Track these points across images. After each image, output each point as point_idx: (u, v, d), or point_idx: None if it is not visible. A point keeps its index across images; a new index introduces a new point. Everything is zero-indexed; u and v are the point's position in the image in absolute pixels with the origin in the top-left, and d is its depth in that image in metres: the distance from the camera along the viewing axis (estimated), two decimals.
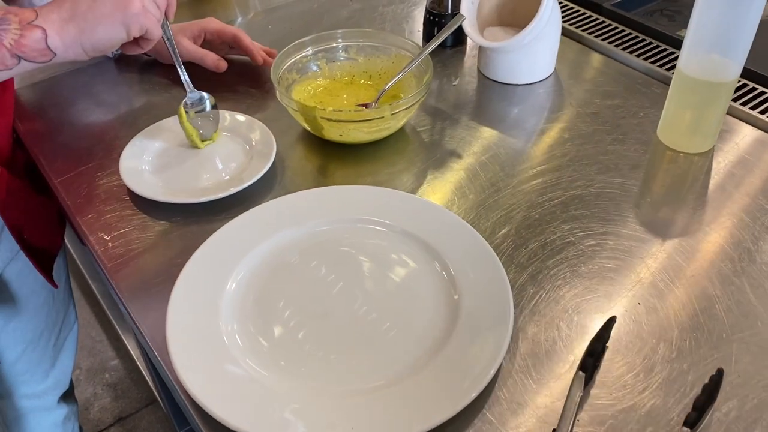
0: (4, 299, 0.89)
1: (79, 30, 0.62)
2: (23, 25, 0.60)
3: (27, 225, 0.82)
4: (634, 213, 0.69)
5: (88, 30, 0.62)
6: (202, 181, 0.74)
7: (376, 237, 0.65)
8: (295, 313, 0.59)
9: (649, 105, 0.83)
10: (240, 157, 0.76)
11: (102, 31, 0.63)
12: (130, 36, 0.65)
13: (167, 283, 0.62)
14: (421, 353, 0.55)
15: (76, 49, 0.63)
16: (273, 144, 0.76)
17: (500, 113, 0.84)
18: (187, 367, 0.53)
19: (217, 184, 0.73)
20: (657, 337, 0.57)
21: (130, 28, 0.64)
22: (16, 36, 0.60)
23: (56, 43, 0.62)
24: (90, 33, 0.62)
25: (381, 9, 1.06)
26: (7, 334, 0.91)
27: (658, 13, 1.03)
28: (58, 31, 0.61)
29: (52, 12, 0.62)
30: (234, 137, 0.79)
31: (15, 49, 0.60)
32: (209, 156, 0.77)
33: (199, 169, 0.75)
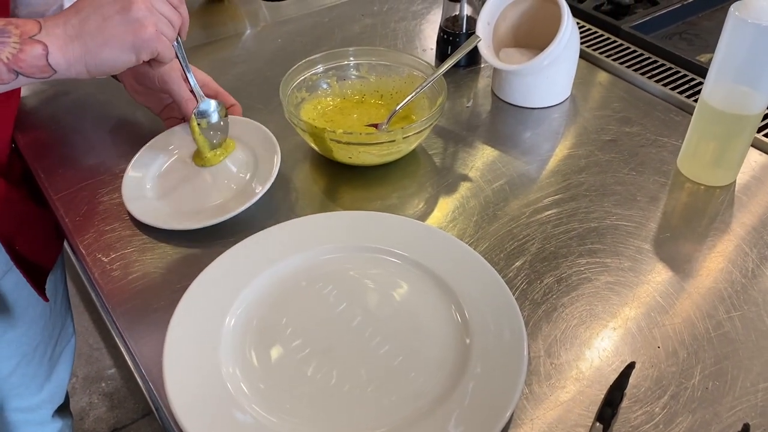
0: (1, 311, 0.87)
1: (84, 49, 0.58)
2: (23, 39, 0.56)
3: (20, 237, 0.79)
4: (654, 249, 0.66)
5: (94, 50, 0.59)
6: (204, 203, 0.70)
7: (387, 268, 0.63)
8: (300, 348, 0.56)
9: (669, 133, 0.81)
10: (242, 175, 0.73)
11: (109, 53, 0.59)
12: (139, 60, 0.61)
13: (167, 309, 0.60)
14: (431, 397, 0.52)
15: (78, 68, 0.59)
16: (277, 160, 0.71)
17: (514, 137, 0.82)
18: (185, 411, 0.50)
19: (220, 206, 0.70)
20: (678, 384, 0.54)
21: (141, 52, 0.61)
22: (14, 50, 0.56)
23: (58, 60, 0.58)
24: (96, 54, 0.59)
25: (393, 25, 1.04)
26: (2, 347, 0.89)
27: (677, 36, 1.01)
28: (61, 48, 0.58)
29: (57, 26, 0.58)
30: (238, 148, 0.75)
31: (12, 64, 0.56)
32: (212, 175, 0.74)
33: (201, 190, 0.72)
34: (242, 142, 0.76)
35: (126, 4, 0.59)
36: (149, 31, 0.59)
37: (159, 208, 0.70)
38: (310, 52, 0.82)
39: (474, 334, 0.56)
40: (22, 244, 0.80)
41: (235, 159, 0.74)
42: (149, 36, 0.59)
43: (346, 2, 1.11)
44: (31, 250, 0.82)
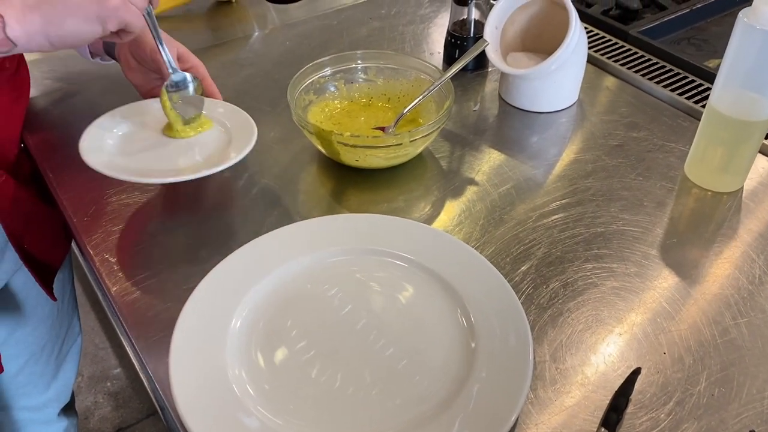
0: (8, 310, 0.87)
1: (45, 20, 0.54)
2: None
3: (29, 235, 0.80)
4: (660, 254, 0.66)
5: (56, 21, 0.55)
6: (163, 165, 0.67)
7: (393, 271, 0.63)
8: (305, 350, 0.56)
9: (676, 139, 0.81)
10: (217, 143, 0.71)
11: (72, 24, 0.55)
12: (106, 31, 0.58)
13: (173, 309, 0.60)
14: (436, 401, 0.52)
15: (40, 41, 0.55)
16: (254, 132, 0.69)
17: (521, 141, 0.82)
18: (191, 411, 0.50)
19: (191, 166, 0.67)
20: (683, 390, 0.54)
21: (107, 23, 0.57)
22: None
23: (16, 33, 0.54)
24: (58, 25, 0.55)
25: (401, 28, 1.04)
26: (10, 345, 0.90)
27: (685, 41, 1.00)
28: (19, 19, 0.54)
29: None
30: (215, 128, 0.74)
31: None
32: (179, 146, 0.71)
33: (164, 156, 0.69)
34: (220, 124, 0.74)
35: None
36: (115, 0, 0.56)
37: (117, 160, 0.67)
38: (317, 55, 0.82)
39: (479, 338, 0.56)
40: (30, 243, 0.80)
41: (208, 135, 0.72)
42: (115, 5, 0.56)
43: (354, 5, 1.11)
44: (39, 249, 0.82)
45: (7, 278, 0.82)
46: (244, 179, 0.76)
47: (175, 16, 1.09)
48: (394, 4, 1.11)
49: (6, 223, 0.75)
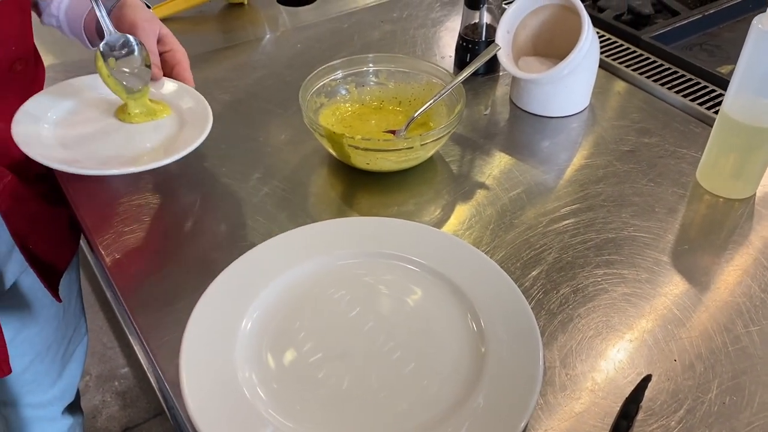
0: (14, 311, 0.88)
1: None
2: None
3: (34, 236, 0.80)
4: (671, 261, 0.66)
5: None
6: (109, 153, 0.61)
7: (402, 274, 0.63)
8: (315, 352, 0.56)
9: (688, 145, 0.80)
10: (170, 127, 0.66)
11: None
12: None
13: (183, 310, 0.60)
14: (445, 405, 0.52)
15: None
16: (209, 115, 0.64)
17: (532, 146, 0.82)
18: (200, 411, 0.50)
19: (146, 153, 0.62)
20: (694, 398, 0.54)
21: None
22: None
23: None
24: None
25: (412, 32, 1.04)
26: (16, 344, 0.90)
27: (697, 47, 1.00)
28: None
29: None
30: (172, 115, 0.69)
31: None
32: (129, 131, 0.65)
33: (111, 141, 0.64)
34: (177, 110, 0.71)
35: None
36: None
37: (54, 145, 0.62)
38: (329, 58, 0.82)
39: (489, 342, 0.56)
40: (35, 244, 0.80)
41: (161, 123, 0.68)
42: None
43: (365, 8, 1.11)
44: (44, 250, 0.82)
45: (14, 279, 0.82)
46: (254, 181, 0.76)
47: (187, 18, 1.10)
48: (406, 7, 1.11)
49: (11, 223, 0.75)
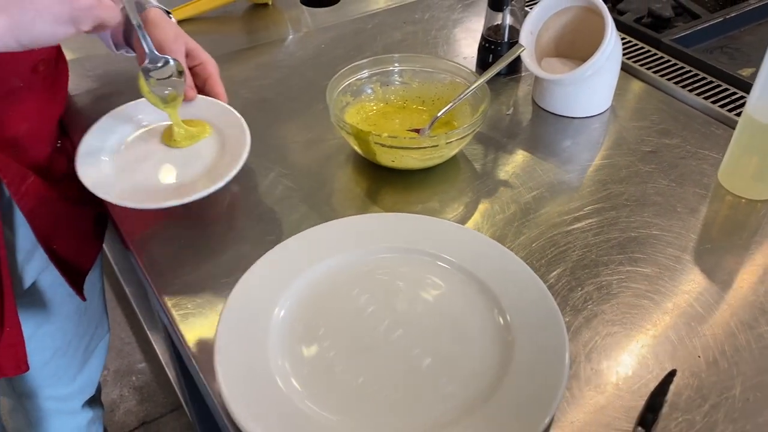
0: (36, 306, 0.89)
1: (12, 23, 0.52)
2: None
3: (58, 236, 0.79)
4: (694, 260, 0.67)
5: (24, 24, 0.52)
6: (162, 182, 0.67)
7: (432, 270, 0.64)
8: (341, 345, 0.58)
9: (709, 146, 0.81)
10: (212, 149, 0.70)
11: (42, 27, 0.53)
12: (80, 31, 0.55)
13: (216, 302, 0.62)
14: (473, 397, 0.53)
15: (8, 42, 0.53)
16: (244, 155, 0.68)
17: (554, 146, 0.83)
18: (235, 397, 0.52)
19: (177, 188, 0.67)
20: (718, 394, 0.55)
21: (80, 23, 0.55)
22: None
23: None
24: (27, 27, 0.53)
25: (434, 33, 1.06)
26: (37, 339, 0.91)
27: (718, 50, 1.01)
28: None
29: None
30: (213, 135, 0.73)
31: None
32: (177, 156, 0.70)
33: (162, 169, 0.69)
34: (217, 130, 0.74)
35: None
36: (86, 0, 0.54)
37: (113, 182, 0.67)
38: (351, 59, 0.84)
39: (516, 336, 0.57)
40: (60, 244, 0.80)
41: (205, 144, 0.72)
42: (87, 4, 0.54)
43: (387, 10, 1.13)
44: (68, 250, 0.82)
45: (36, 276, 0.83)
46: (281, 177, 0.78)
47: (211, 19, 1.12)
48: (428, 9, 1.12)
49: (34, 223, 0.75)
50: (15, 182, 0.71)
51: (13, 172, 0.70)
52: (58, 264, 0.81)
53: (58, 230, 0.79)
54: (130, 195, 0.65)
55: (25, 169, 0.72)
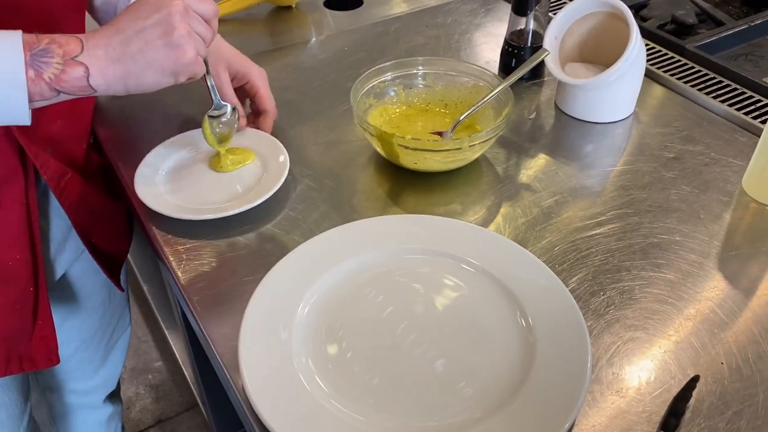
0: (64, 298, 0.90)
1: (125, 72, 0.58)
2: (66, 60, 0.56)
3: (96, 230, 0.83)
4: (717, 267, 0.66)
5: (135, 74, 0.59)
6: (207, 199, 0.74)
7: (452, 273, 0.64)
8: (359, 345, 0.58)
9: (733, 154, 0.81)
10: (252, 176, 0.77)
11: (150, 77, 0.59)
12: (177, 82, 0.62)
13: (238, 299, 0.63)
14: (494, 400, 0.53)
15: (118, 88, 0.59)
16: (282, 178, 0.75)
17: (576, 150, 0.83)
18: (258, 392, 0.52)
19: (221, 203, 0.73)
20: (742, 401, 0.54)
21: (180, 76, 0.61)
22: (57, 71, 0.55)
23: (98, 81, 0.58)
24: (137, 78, 0.59)
25: (457, 37, 1.06)
26: (63, 331, 0.92)
27: (742, 57, 1.00)
28: (101, 69, 0.57)
29: (99, 47, 0.57)
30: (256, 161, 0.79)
31: (54, 83, 0.56)
32: (221, 179, 0.77)
33: (207, 189, 0.76)
34: (260, 156, 0.80)
35: (168, 28, 0.58)
36: (189, 56, 0.60)
37: (167, 199, 0.74)
38: (374, 61, 0.84)
39: (538, 338, 0.57)
40: (98, 237, 0.83)
41: (247, 169, 0.78)
42: (189, 60, 0.60)
43: (410, 14, 1.13)
44: (105, 242, 0.85)
45: (67, 267, 0.85)
46: (304, 177, 0.78)
47: (237, 20, 1.13)
48: (450, 13, 1.13)
49: (74, 218, 0.78)
50: (54, 179, 0.73)
51: (52, 170, 0.73)
52: (97, 256, 0.83)
53: (95, 224, 0.82)
54: (173, 208, 0.72)
55: (63, 166, 0.75)
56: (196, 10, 0.61)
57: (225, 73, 0.80)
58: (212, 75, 0.77)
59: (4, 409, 0.84)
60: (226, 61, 0.80)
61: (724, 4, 1.13)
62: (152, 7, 0.59)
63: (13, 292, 0.74)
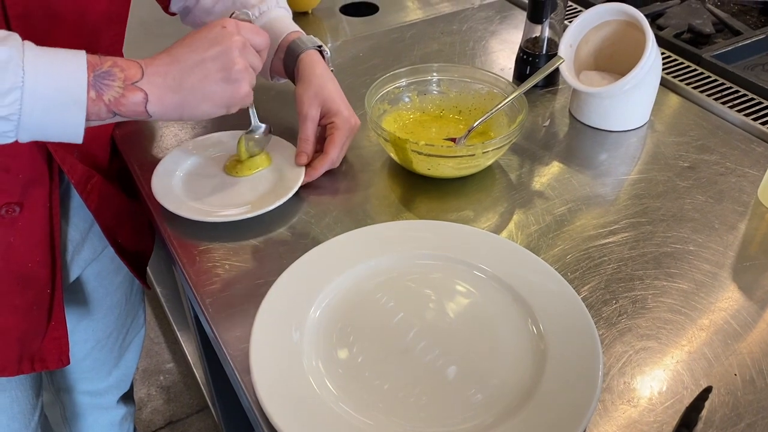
0: (80, 298, 0.91)
1: (182, 102, 0.60)
2: (126, 85, 0.57)
3: (121, 230, 0.84)
4: (731, 277, 0.66)
5: (192, 104, 0.60)
6: (223, 203, 0.74)
7: (464, 279, 0.64)
8: (369, 350, 0.58)
9: (749, 164, 0.80)
10: (267, 181, 0.77)
11: (206, 108, 0.61)
12: (229, 113, 0.63)
13: (250, 301, 0.63)
14: (504, 407, 0.53)
15: (172, 116, 0.61)
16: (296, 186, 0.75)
17: (591, 159, 0.82)
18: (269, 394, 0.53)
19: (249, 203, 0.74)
20: (754, 413, 0.54)
21: (233, 108, 0.62)
22: (117, 94, 0.56)
23: (155, 108, 0.59)
24: (193, 108, 0.60)
25: (472, 44, 1.06)
26: (78, 331, 0.94)
27: (759, 67, 0.99)
28: (160, 97, 0.58)
29: (158, 75, 0.58)
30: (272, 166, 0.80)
31: (113, 106, 0.57)
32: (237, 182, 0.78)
33: (223, 192, 0.76)
34: (276, 161, 0.80)
35: (227, 62, 0.59)
36: (244, 91, 0.61)
37: (184, 200, 0.74)
38: (389, 67, 0.85)
39: (549, 346, 0.57)
40: (123, 237, 0.85)
41: (263, 174, 0.78)
42: (244, 95, 0.62)
43: (425, 20, 1.14)
44: (131, 242, 0.87)
45: (84, 268, 0.86)
46: (317, 181, 0.79)
47: None
48: (465, 20, 1.13)
49: (99, 219, 0.80)
50: (81, 182, 0.75)
51: (79, 173, 0.74)
52: (123, 255, 0.85)
53: (120, 224, 0.84)
54: (189, 209, 0.73)
55: (89, 169, 0.76)
56: (252, 43, 0.62)
57: (317, 110, 0.77)
58: (304, 106, 0.77)
59: (17, 404, 0.85)
60: (321, 99, 0.77)
61: (741, 14, 1.12)
62: (212, 40, 0.60)
63: (32, 294, 0.75)
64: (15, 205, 0.70)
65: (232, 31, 0.61)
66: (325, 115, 0.78)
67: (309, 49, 0.79)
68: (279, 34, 0.80)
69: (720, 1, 1.15)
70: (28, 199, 0.70)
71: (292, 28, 0.81)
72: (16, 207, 0.70)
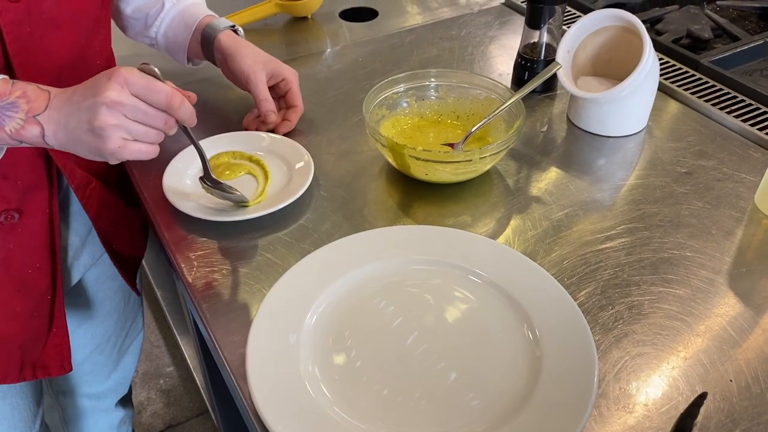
0: (79, 303, 0.92)
1: (70, 140, 0.59)
2: (28, 117, 0.58)
3: (115, 235, 0.84)
4: (728, 283, 0.66)
5: (74, 146, 0.60)
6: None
7: (461, 285, 0.65)
8: (368, 355, 0.58)
9: (747, 169, 0.80)
10: (281, 179, 0.79)
11: (84, 153, 0.60)
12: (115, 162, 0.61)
13: (246, 307, 0.63)
14: (500, 413, 0.53)
15: (72, 151, 0.61)
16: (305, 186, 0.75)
17: (588, 164, 0.83)
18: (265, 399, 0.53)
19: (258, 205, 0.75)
20: (750, 419, 0.54)
21: (110, 159, 0.60)
22: (17, 126, 0.58)
23: (52, 142, 0.60)
24: (76, 149, 0.60)
25: (471, 49, 1.06)
26: (78, 335, 0.94)
27: (757, 73, 1.00)
28: (54, 132, 0.59)
29: (56, 110, 0.58)
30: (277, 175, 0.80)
31: (15, 136, 0.58)
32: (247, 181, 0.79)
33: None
34: (282, 161, 0.81)
35: (90, 117, 0.57)
36: (112, 144, 0.58)
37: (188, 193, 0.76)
38: (388, 73, 0.85)
39: (545, 352, 0.57)
40: (117, 243, 0.85)
41: (275, 174, 0.80)
42: (112, 148, 0.58)
43: (424, 26, 1.14)
44: (125, 249, 0.87)
45: (83, 273, 0.87)
46: (315, 186, 0.79)
47: (253, 30, 1.14)
48: (464, 25, 1.13)
49: (97, 225, 0.80)
50: (81, 187, 0.76)
51: (79, 178, 0.75)
52: (116, 261, 0.86)
53: (117, 230, 0.85)
54: (194, 208, 0.73)
55: (88, 175, 0.77)
56: (148, 101, 0.59)
57: (263, 73, 0.83)
58: (251, 73, 0.81)
59: (18, 412, 0.85)
60: (262, 63, 0.84)
61: (740, 20, 1.12)
62: (92, 88, 0.58)
63: (32, 301, 0.75)
64: (14, 212, 0.70)
65: (111, 86, 0.57)
66: (273, 75, 0.85)
67: (225, 29, 0.84)
68: (194, 19, 0.85)
69: (719, 7, 1.15)
70: (27, 206, 0.71)
71: (206, 12, 0.87)
72: (15, 214, 0.70)
